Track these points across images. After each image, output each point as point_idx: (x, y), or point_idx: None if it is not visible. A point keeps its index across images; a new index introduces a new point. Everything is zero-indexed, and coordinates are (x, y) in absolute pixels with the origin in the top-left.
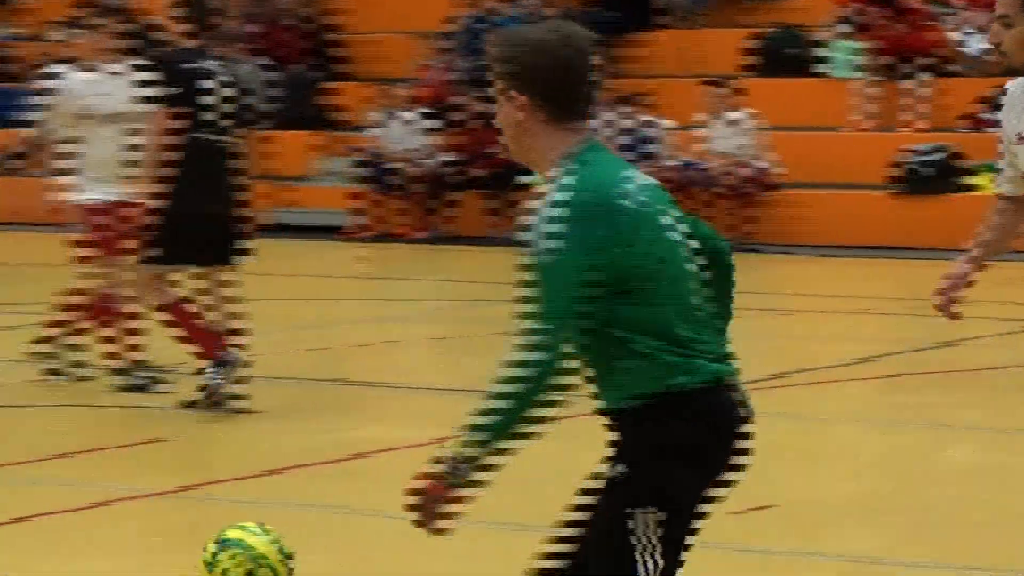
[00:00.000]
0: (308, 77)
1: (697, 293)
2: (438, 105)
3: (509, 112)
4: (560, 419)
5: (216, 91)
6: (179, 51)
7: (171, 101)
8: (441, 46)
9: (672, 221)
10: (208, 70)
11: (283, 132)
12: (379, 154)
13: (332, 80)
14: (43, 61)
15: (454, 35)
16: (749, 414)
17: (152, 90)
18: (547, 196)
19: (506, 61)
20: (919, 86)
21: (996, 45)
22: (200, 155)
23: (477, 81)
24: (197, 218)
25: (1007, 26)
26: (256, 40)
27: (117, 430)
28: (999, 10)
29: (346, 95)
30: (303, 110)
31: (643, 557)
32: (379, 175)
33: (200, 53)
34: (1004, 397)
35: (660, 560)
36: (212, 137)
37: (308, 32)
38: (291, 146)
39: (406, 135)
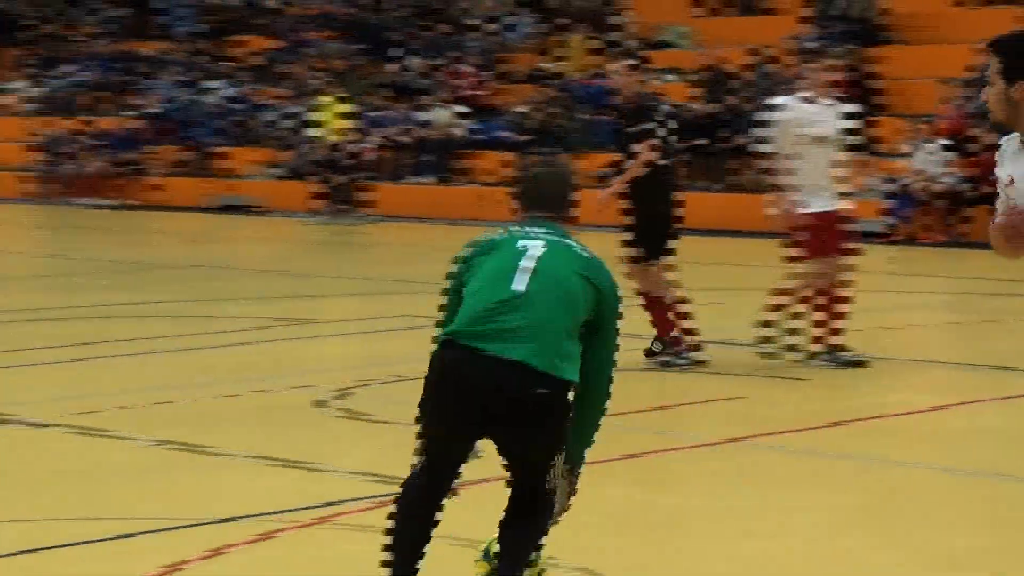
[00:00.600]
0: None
1: None
2: (956, 136)
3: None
4: None
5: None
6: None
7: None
8: (959, 89)
9: None
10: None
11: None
12: (908, 176)
13: (872, 115)
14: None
15: (970, 80)
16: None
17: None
18: None
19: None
20: None
21: (984, 103)
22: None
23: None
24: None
25: (988, 84)
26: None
27: (693, 389)
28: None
29: (883, 127)
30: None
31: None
32: (908, 192)
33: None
34: None
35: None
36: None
37: (854, 77)
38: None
39: (930, 160)
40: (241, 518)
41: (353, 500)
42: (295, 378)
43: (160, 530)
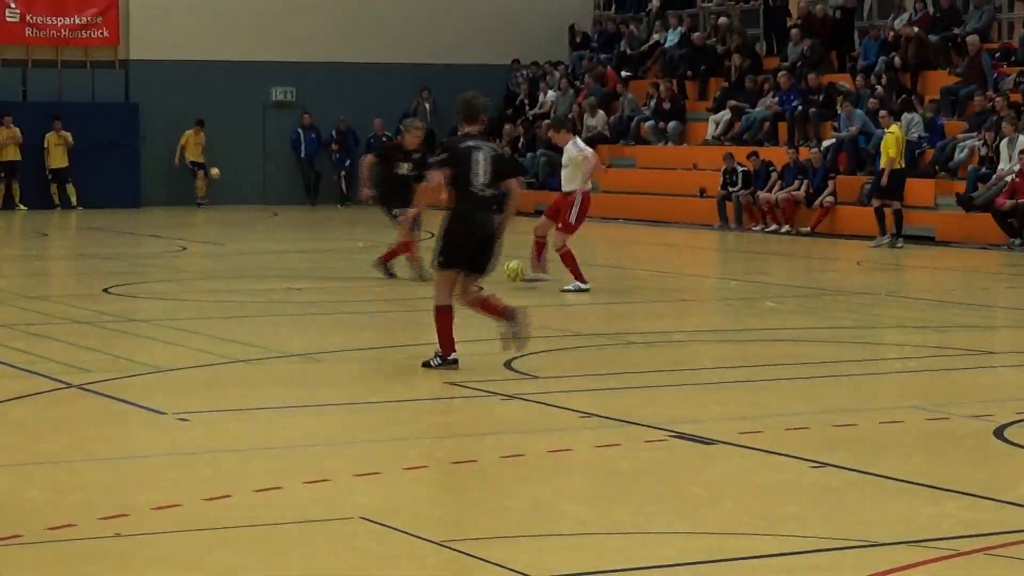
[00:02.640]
0: None
1: None
2: None
3: None
4: None
5: None
6: None
7: None
8: None
9: None
10: None
11: None
12: None
13: None
14: None
15: None
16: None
17: None
18: None
19: None
20: None
21: None
22: None
23: None
24: None
25: None
26: None
27: None
28: None
29: None
30: None
31: None
32: None
33: None
34: None
35: None
36: None
37: None
38: None
39: None
40: (902, 543)
41: (1018, 531)
42: (969, 407)
43: (824, 550)
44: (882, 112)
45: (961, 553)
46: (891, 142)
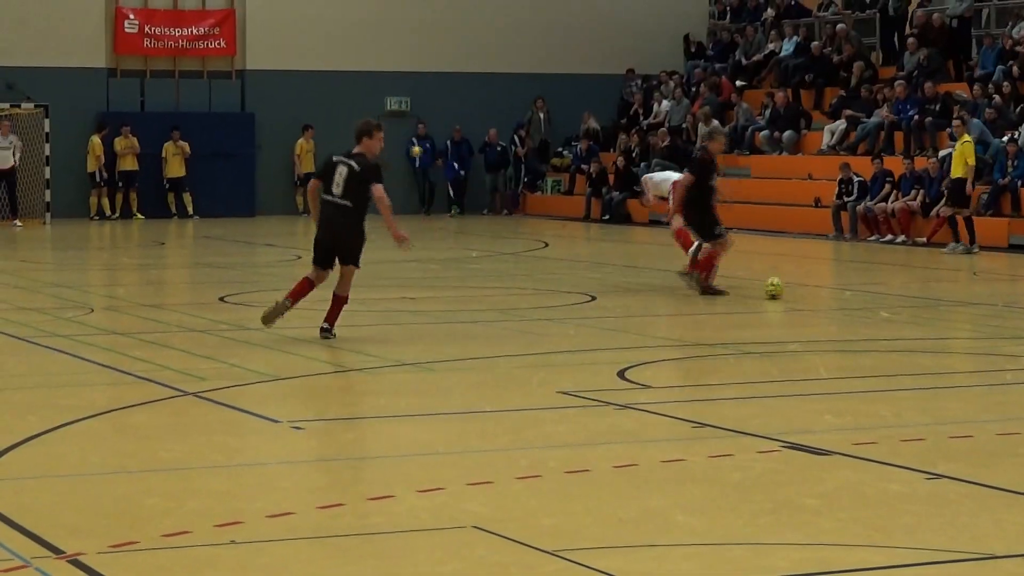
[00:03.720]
0: None
1: None
2: None
3: None
4: None
5: None
6: None
7: None
8: None
9: None
10: None
11: None
12: None
13: None
14: None
15: None
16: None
17: None
18: None
19: None
20: None
21: None
22: None
23: None
24: None
25: None
26: None
27: None
28: None
29: None
30: None
31: None
32: None
33: None
34: None
35: None
36: None
37: None
38: None
39: None
40: (1017, 556)
41: None
42: None
43: (938, 562)
44: (955, 122)
45: None
46: (969, 151)
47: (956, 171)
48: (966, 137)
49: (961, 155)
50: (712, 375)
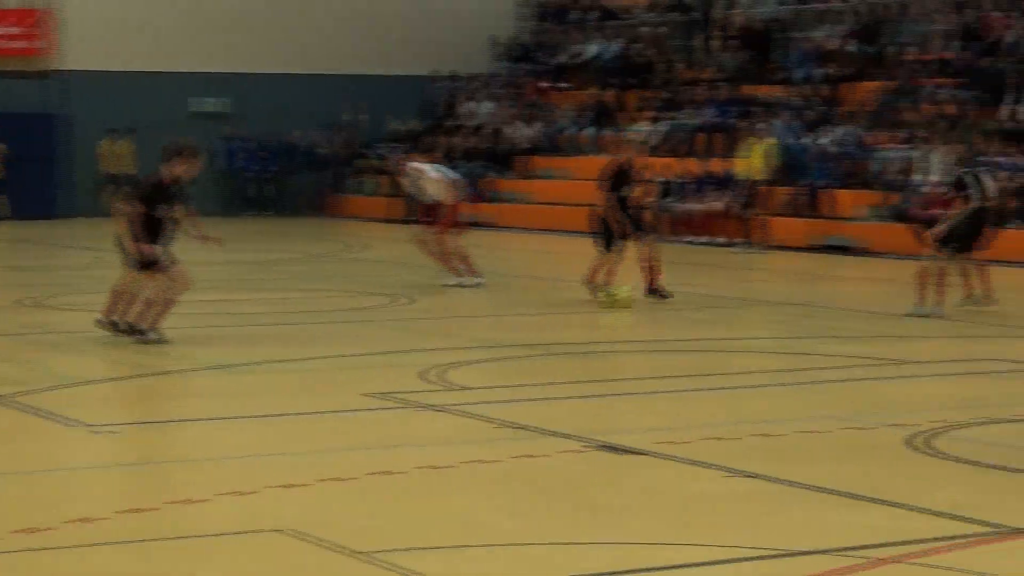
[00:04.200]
0: None
1: None
2: None
3: None
4: None
5: None
6: None
7: None
8: None
9: None
10: None
11: None
12: None
13: None
14: None
15: None
16: None
17: None
18: None
19: None
20: None
21: None
22: None
23: None
24: None
25: None
26: None
27: None
28: None
29: None
30: None
31: None
32: None
33: None
34: None
35: None
36: None
37: None
38: None
39: None
40: (821, 552)
41: (934, 540)
42: (886, 416)
43: (743, 559)
44: (758, 124)
45: (879, 561)
46: (770, 153)
47: (756, 172)
48: (769, 139)
49: (762, 156)
50: (521, 376)
